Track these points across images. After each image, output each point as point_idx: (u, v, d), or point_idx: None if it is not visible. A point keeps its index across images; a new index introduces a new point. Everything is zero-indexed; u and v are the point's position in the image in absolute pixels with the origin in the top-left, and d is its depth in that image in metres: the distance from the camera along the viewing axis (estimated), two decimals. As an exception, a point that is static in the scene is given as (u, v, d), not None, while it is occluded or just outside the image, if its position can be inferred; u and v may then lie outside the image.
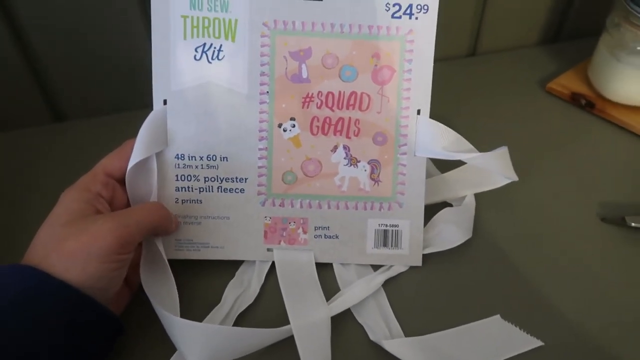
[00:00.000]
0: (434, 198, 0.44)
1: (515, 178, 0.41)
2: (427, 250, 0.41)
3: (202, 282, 0.40)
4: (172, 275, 0.38)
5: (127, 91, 0.54)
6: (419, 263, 0.41)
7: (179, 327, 0.34)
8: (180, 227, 0.40)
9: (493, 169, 0.41)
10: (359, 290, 0.39)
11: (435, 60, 0.39)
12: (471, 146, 0.40)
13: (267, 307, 0.39)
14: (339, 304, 0.38)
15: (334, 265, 0.41)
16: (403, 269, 0.41)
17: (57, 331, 0.30)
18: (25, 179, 0.48)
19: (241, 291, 0.39)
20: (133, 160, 0.37)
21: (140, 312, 0.37)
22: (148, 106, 0.39)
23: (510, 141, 0.42)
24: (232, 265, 0.41)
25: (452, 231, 0.42)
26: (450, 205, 0.45)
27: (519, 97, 0.56)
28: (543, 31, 0.64)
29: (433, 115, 0.40)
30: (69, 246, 0.31)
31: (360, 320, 0.38)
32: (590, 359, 0.36)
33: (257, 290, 0.39)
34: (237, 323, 0.38)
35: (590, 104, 0.54)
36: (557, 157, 0.50)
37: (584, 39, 0.59)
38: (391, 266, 0.41)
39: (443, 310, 0.39)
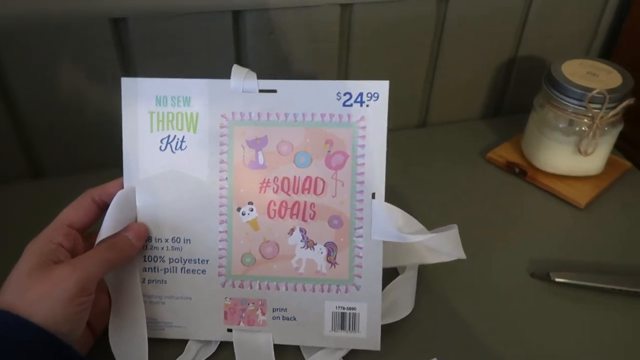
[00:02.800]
0: (384, 265, 0.43)
1: (463, 256, 0.42)
2: (382, 322, 0.42)
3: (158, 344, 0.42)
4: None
5: (104, 151, 0.57)
6: (377, 347, 0.41)
7: None
8: (146, 306, 0.42)
9: (444, 249, 0.41)
10: None
11: (389, 130, 0.41)
12: (422, 226, 0.40)
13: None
14: None
15: None
16: None
17: None
18: (4, 233, 0.52)
19: (203, 344, 0.41)
20: (102, 236, 0.39)
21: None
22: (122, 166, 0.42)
23: (451, 203, 0.50)
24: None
25: (402, 302, 0.44)
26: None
27: (462, 165, 0.63)
28: (484, 107, 0.72)
29: (386, 182, 0.41)
30: (32, 294, 0.34)
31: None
32: None
33: (218, 342, 0.42)
34: None
35: (523, 172, 0.61)
36: (493, 218, 0.56)
37: (519, 115, 0.66)
38: None
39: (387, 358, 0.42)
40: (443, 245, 0.41)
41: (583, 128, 0.55)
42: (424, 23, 0.61)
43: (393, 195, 0.42)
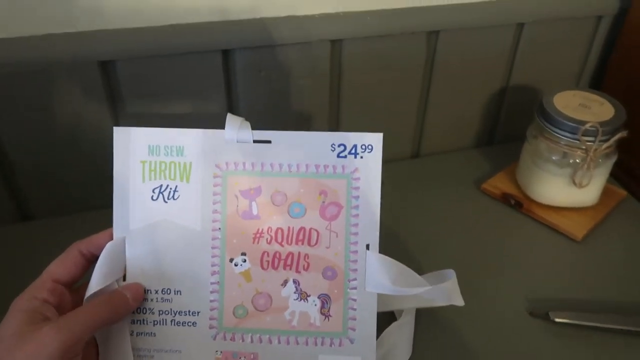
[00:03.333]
0: (381, 308, 0.42)
1: (461, 303, 0.41)
2: None
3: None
4: None
5: (93, 192, 0.56)
6: (372, 402, 0.40)
7: None
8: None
9: (442, 300, 0.41)
10: None
11: (383, 161, 0.40)
12: (420, 278, 0.40)
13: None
14: None
15: None
16: None
17: None
18: None
19: None
20: (91, 290, 0.38)
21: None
22: (110, 207, 0.41)
23: (446, 236, 0.50)
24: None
25: (399, 349, 0.44)
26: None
27: (457, 196, 0.62)
28: (477, 136, 0.73)
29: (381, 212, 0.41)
30: (17, 357, 0.33)
31: None
32: None
33: None
34: None
35: (519, 204, 0.60)
36: (489, 253, 0.55)
37: (513, 143, 0.65)
38: None
39: None
40: (439, 297, 0.40)
41: (577, 160, 0.55)
42: (414, 57, 0.62)
43: (385, 229, 0.41)
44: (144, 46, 0.52)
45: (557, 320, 0.47)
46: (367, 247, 0.40)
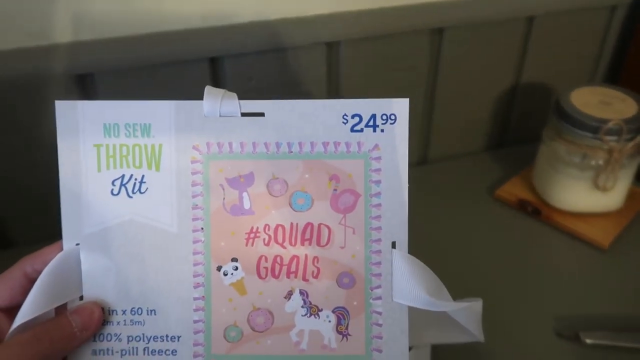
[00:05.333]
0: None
1: (482, 339, 0.34)
2: None
3: None
4: None
5: None
6: None
7: None
8: None
9: (465, 322, 0.33)
10: None
11: None
12: (447, 292, 0.32)
13: None
14: None
15: None
16: None
17: None
18: None
19: None
20: (21, 318, 0.29)
21: None
22: None
23: (461, 250, 0.45)
24: None
25: None
26: None
27: (469, 205, 0.58)
28: (488, 139, 0.69)
29: None
30: None
31: None
32: None
33: None
34: None
35: (537, 211, 0.56)
36: (509, 266, 0.50)
37: (526, 145, 0.62)
38: None
39: None
40: (466, 320, 0.32)
41: (599, 162, 0.51)
42: (417, 57, 0.59)
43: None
44: (124, 56, 0.49)
45: (589, 341, 0.44)
46: (393, 245, 0.32)
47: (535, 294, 0.48)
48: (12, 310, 0.31)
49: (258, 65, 0.54)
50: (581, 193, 0.54)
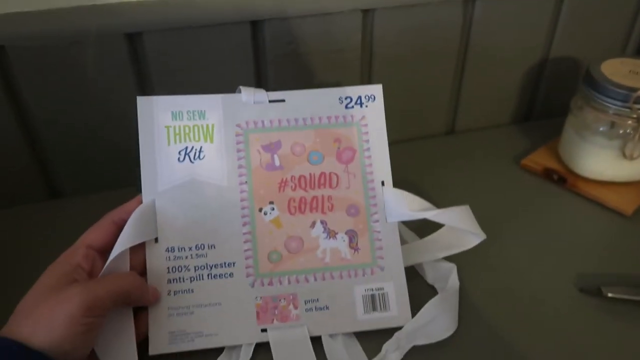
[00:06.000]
0: (411, 261, 0.46)
1: (483, 235, 0.44)
2: (419, 342, 0.41)
3: (192, 356, 0.41)
4: (135, 348, 0.38)
5: (121, 170, 0.55)
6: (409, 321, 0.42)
7: None
8: (173, 319, 0.41)
9: (457, 224, 0.44)
10: None
11: (417, 138, 0.42)
12: (430, 205, 0.44)
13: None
14: None
15: (324, 343, 0.42)
16: (397, 359, 0.40)
17: None
18: (22, 255, 0.49)
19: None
20: (117, 250, 0.39)
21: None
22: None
23: (488, 215, 0.45)
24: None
25: (441, 322, 0.43)
26: (431, 279, 0.47)
27: (495, 172, 0.59)
28: (514, 111, 0.69)
29: (415, 190, 0.44)
30: (39, 311, 0.33)
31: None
32: None
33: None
34: None
35: (562, 179, 0.57)
36: (534, 230, 0.52)
37: (553, 119, 0.63)
38: (385, 358, 0.40)
39: None
40: (456, 220, 0.44)
41: (627, 130, 0.52)
42: (449, 26, 0.59)
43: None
44: (171, 18, 0.51)
45: (610, 295, 0.44)
46: (382, 183, 0.45)
47: (559, 255, 0.49)
48: (104, 252, 0.40)
49: (297, 29, 0.54)
50: (607, 162, 0.54)
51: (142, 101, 0.44)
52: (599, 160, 0.55)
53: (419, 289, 0.45)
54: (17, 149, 0.54)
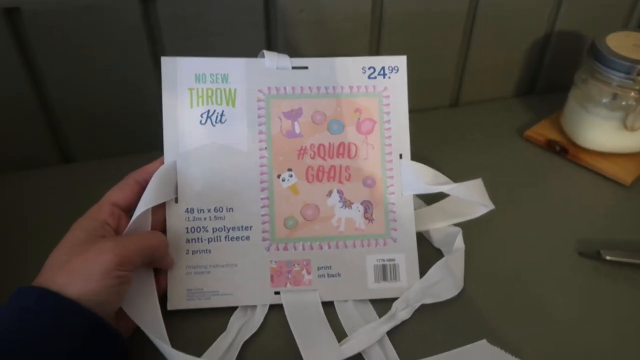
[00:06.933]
0: (419, 227, 0.46)
1: (492, 206, 0.45)
2: (427, 301, 0.43)
3: (209, 311, 0.42)
4: (158, 303, 0.40)
5: (135, 135, 0.57)
6: (418, 294, 0.44)
7: None
8: (191, 277, 0.42)
9: (470, 197, 0.45)
10: (367, 337, 0.40)
11: (421, 110, 0.43)
12: (447, 179, 0.45)
13: (272, 336, 0.41)
14: (349, 349, 0.39)
15: (336, 305, 0.43)
16: (406, 316, 0.42)
17: (57, 339, 0.32)
18: (35, 217, 0.51)
19: (245, 320, 0.41)
20: (141, 208, 0.40)
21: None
22: (155, 149, 0.43)
23: (492, 183, 0.46)
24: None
25: (448, 283, 0.44)
26: (440, 244, 0.48)
27: (499, 144, 0.61)
28: (518, 84, 0.70)
29: (420, 161, 0.45)
30: (73, 264, 0.35)
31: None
32: None
33: (261, 319, 0.42)
34: (242, 351, 0.39)
35: (564, 150, 0.59)
36: (536, 198, 0.54)
37: (556, 93, 0.65)
38: (394, 315, 0.42)
39: (434, 336, 0.41)
40: (469, 193, 0.45)
41: (630, 102, 0.53)
42: (456, 0, 0.60)
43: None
44: None
45: (608, 258, 0.46)
46: (400, 156, 0.45)
47: (559, 221, 0.51)
48: (128, 211, 0.41)
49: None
50: (609, 133, 0.56)
51: (166, 62, 0.44)
52: (600, 132, 0.57)
53: (425, 252, 0.46)
54: (30, 113, 0.55)
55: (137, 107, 0.54)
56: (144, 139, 0.43)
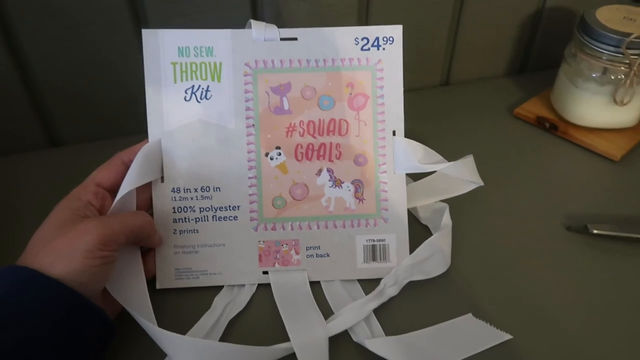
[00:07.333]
0: (409, 205, 0.45)
1: (481, 183, 0.44)
2: (415, 278, 0.43)
3: (195, 291, 0.42)
4: (145, 283, 0.40)
5: (122, 118, 0.56)
6: (407, 274, 0.43)
7: (165, 340, 0.36)
8: (179, 256, 0.42)
9: (462, 175, 0.44)
10: (354, 314, 0.40)
11: (412, 90, 0.42)
12: (441, 157, 0.43)
13: (258, 314, 0.41)
14: (336, 326, 0.39)
15: (323, 285, 0.43)
16: (394, 293, 0.42)
17: (40, 319, 0.32)
18: (22, 204, 0.51)
19: (231, 298, 0.41)
20: (125, 189, 0.39)
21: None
22: (145, 132, 0.42)
23: (482, 160, 0.46)
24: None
25: (437, 260, 0.44)
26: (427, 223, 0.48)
27: (489, 121, 0.61)
28: (509, 63, 0.70)
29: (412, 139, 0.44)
30: (56, 243, 0.35)
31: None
32: (555, 348, 0.39)
33: (248, 298, 0.42)
34: (227, 330, 0.40)
35: (554, 127, 0.59)
36: (524, 174, 0.54)
37: (546, 71, 0.65)
38: (382, 292, 0.42)
39: (420, 312, 0.41)
40: (461, 172, 0.44)
41: (619, 76, 0.53)
42: None
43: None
44: None
45: (596, 231, 0.46)
46: (394, 133, 0.43)
47: (548, 197, 0.51)
48: (113, 191, 0.41)
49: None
50: (598, 108, 0.55)
51: (147, 35, 0.41)
52: (590, 107, 0.56)
53: (412, 229, 0.45)
54: (16, 96, 0.53)
55: (124, 89, 0.53)
56: (132, 121, 0.42)
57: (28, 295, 0.33)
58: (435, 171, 0.45)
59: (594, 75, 0.55)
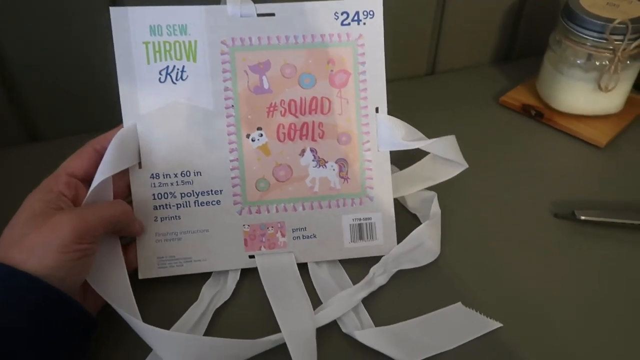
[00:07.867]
0: (394, 194, 0.44)
1: (466, 165, 0.44)
2: (404, 266, 0.42)
3: (180, 281, 0.41)
4: (126, 274, 0.39)
5: (102, 111, 0.52)
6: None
7: (150, 334, 0.35)
8: (161, 244, 0.41)
9: (445, 154, 0.44)
10: (344, 304, 0.40)
11: (397, 79, 0.41)
12: (422, 134, 0.43)
13: (244, 304, 0.40)
14: (325, 316, 0.39)
15: (311, 272, 0.43)
16: (383, 282, 0.42)
17: (17, 316, 0.31)
18: (0, 197, 0.47)
19: (218, 289, 0.41)
20: (99, 178, 0.37)
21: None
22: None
23: (468, 148, 0.46)
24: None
25: (427, 248, 0.44)
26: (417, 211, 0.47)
27: (475, 110, 0.61)
28: (494, 52, 0.70)
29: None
30: (29, 239, 0.33)
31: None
32: (545, 335, 0.39)
33: (233, 287, 0.41)
34: (214, 320, 0.39)
35: (540, 114, 0.59)
36: (510, 162, 0.54)
37: (532, 58, 0.64)
38: (372, 281, 0.41)
39: (410, 301, 0.41)
40: (445, 150, 0.43)
41: (604, 62, 0.53)
42: None
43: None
44: None
45: (583, 217, 0.46)
46: (377, 110, 0.43)
47: (534, 184, 0.51)
48: (86, 181, 0.39)
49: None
50: (583, 95, 0.56)
51: (116, 13, 0.39)
52: (575, 94, 0.56)
53: (401, 218, 0.45)
54: None
55: (106, 80, 0.50)
56: (114, 114, 0.40)
57: (5, 293, 0.31)
58: (420, 160, 0.45)
59: (578, 61, 0.55)
